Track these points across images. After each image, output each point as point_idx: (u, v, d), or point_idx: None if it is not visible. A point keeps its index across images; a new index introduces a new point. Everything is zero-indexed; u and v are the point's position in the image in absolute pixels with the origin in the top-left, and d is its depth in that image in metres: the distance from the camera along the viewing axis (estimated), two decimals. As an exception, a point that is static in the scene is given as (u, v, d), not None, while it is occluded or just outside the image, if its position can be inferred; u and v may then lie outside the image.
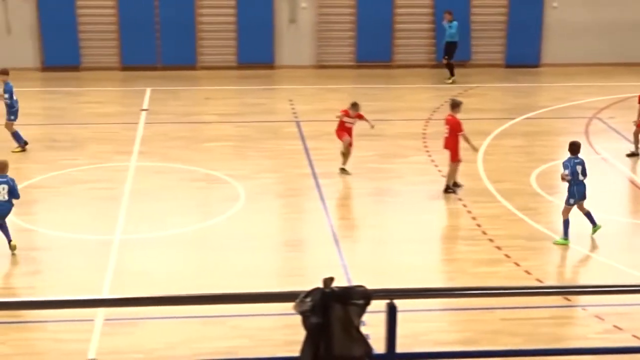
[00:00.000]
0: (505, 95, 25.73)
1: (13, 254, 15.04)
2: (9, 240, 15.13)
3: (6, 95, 20.21)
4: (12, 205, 15.29)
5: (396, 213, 17.20)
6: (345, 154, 18.87)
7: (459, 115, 17.98)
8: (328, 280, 4.61)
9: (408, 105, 24.64)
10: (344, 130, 18.90)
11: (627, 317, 13.25)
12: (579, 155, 15.73)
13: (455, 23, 26.47)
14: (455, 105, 18.11)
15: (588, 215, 15.72)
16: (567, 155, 15.75)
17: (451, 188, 17.89)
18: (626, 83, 26.45)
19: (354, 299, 4.59)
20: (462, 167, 18.70)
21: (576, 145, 15.82)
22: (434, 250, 15.65)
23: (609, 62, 28.69)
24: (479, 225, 16.48)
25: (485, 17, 28.65)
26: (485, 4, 28.60)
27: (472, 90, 25.42)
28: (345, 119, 18.77)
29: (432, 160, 19.84)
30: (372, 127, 19.16)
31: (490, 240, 15.89)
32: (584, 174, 15.59)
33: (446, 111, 22.88)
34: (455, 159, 17.88)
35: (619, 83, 26.62)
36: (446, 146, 17.96)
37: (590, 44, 28.78)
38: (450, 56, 26.56)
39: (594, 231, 15.76)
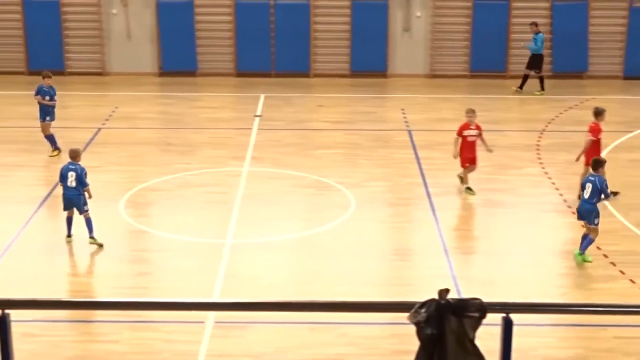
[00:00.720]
0: (624, 107, 25.11)
1: (99, 247, 15.64)
2: (69, 234, 15.81)
3: (47, 98, 20.51)
4: (81, 194, 15.76)
5: (508, 225, 16.98)
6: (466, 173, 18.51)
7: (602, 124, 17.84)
8: (443, 292, 4.57)
9: (521, 116, 24.30)
10: (467, 149, 18.34)
11: None
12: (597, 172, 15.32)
13: (540, 35, 26.03)
14: (598, 114, 17.87)
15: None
16: None
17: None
18: None
19: (469, 312, 4.54)
20: (574, 180, 18.37)
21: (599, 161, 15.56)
22: (546, 264, 15.35)
23: None
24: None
25: (604, 28, 28.05)
26: (604, 15, 28.01)
27: (588, 102, 24.90)
28: (466, 132, 18.46)
29: (546, 173, 19.51)
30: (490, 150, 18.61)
31: (605, 255, 15.52)
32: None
33: (562, 123, 22.51)
34: None
35: None
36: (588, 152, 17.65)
37: None
38: (539, 68, 26.11)
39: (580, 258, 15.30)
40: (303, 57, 28.08)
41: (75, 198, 15.75)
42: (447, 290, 4.59)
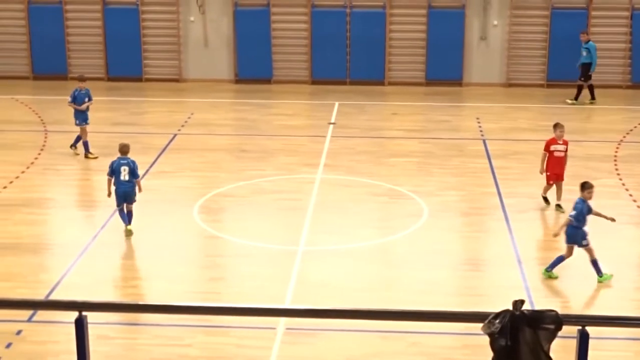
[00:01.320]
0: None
1: (127, 238, 16.23)
2: (127, 224, 16.32)
3: (86, 100, 20.82)
4: (134, 186, 16.44)
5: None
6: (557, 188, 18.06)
7: None
8: (518, 303, 4.51)
9: (599, 126, 23.93)
10: (554, 165, 17.89)
11: None
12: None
13: (591, 44, 25.57)
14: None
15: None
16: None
17: None
18: None
19: (544, 324, 4.47)
20: (656, 192, 18.04)
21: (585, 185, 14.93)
22: (623, 277, 15.05)
23: None
24: (671, 254, 15.80)
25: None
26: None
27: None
28: (553, 147, 18.05)
29: (623, 184, 19.18)
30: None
31: (685, 270, 15.19)
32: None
33: (638, 134, 22.11)
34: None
35: None
36: None
37: None
38: (586, 77, 25.66)
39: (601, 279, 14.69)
40: (378, 65, 28.08)
41: (130, 190, 16.46)
42: (522, 302, 4.53)
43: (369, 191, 18.88)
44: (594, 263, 14.55)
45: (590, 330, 4.71)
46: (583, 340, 4.60)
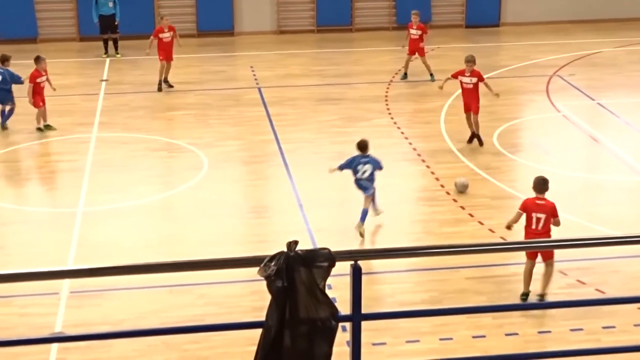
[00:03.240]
0: (465, 55, 25.63)
1: None
2: None
3: None
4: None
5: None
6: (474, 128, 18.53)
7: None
8: (292, 244, 4.61)
9: (369, 68, 24.59)
10: (465, 96, 18.58)
11: (590, 272, 13.42)
12: (368, 153, 14.85)
13: None
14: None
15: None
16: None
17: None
18: (585, 40, 26.62)
19: (318, 262, 4.60)
20: (424, 129, 18.86)
21: (363, 143, 14.88)
22: (399, 212, 15.68)
23: (568, 20, 28.84)
24: (442, 186, 16.57)
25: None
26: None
27: (432, 51, 25.42)
28: (461, 77, 18.56)
29: (395, 123, 19.88)
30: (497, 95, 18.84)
31: (454, 200, 15.98)
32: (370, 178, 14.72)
33: (408, 73, 22.99)
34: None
35: (578, 40, 26.75)
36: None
37: (549, 2, 28.89)
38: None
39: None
40: (148, 18, 27.54)
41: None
42: (295, 242, 4.63)
43: (147, 147, 18.65)
44: (364, 212, 14.73)
45: (371, 266, 4.88)
46: (356, 275, 4.76)
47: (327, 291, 4.71)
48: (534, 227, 12.44)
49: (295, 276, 4.56)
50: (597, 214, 15.48)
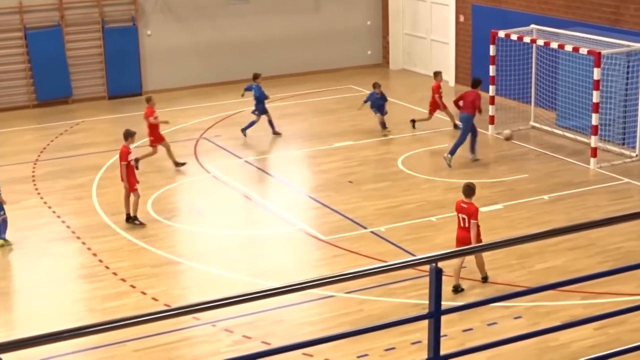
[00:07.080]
0: (113, 126, 25.46)
1: None
2: None
3: None
4: None
5: (16, 261, 16.52)
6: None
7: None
8: None
9: (14, 148, 23.69)
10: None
11: (254, 325, 13.67)
12: None
13: None
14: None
15: None
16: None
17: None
18: (227, 101, 27.46)
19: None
20: (77, 205, 18.49)
21: None
22: (59, 293, 15.15)
23: (209, 83, 29.64)
24: (101, 261, 16.26)
25: (81, 52, 28.37)
26: (79, 39, 28.31)
27: (77, 125, 25.05)
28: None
29: (45, 202, 19.30)
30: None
31: (115, 273, 15.73)
32: None
33: (52, 151, 22.53)
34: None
35: (220, 102, 27.53)
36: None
37: (189, 67, 29.55)
38: None
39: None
40: None
41: None
42: None
43: None
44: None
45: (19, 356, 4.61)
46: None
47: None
48: (461, 224, 14.26)
49: None
50: (257, 268, 15.87)
